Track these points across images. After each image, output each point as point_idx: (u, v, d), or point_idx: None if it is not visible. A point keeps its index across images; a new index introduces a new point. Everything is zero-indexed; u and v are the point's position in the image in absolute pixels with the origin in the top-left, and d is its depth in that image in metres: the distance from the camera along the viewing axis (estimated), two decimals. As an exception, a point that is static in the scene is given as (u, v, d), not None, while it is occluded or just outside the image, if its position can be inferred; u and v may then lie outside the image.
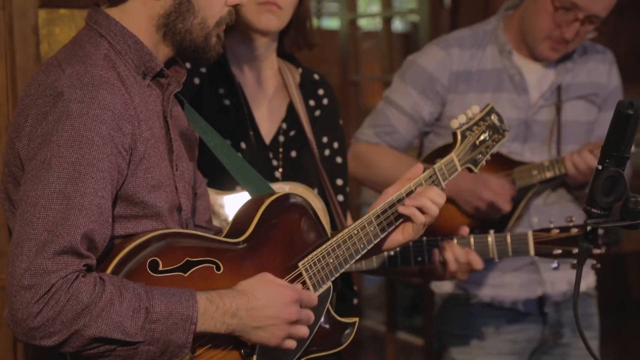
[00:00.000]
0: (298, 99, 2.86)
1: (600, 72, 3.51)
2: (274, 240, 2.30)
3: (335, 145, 2.91)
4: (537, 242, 2.94)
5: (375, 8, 8.35)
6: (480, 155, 2.58)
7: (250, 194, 2.47)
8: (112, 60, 2.14)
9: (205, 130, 2.42)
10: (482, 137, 2.58)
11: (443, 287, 3.49)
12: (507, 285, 3.41)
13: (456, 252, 2.85)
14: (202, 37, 2.21)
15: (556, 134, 3.41)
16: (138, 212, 2.13)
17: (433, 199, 2.42)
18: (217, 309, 2.08)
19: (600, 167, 2.05)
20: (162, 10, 2.17)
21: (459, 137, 2.55)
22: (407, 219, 2.45)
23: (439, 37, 3.55)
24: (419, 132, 3.45)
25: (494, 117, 2.61)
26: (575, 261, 2.92)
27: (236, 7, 2.26)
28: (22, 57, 2.99)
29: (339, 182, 2.89)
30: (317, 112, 2.90)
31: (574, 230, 2.92)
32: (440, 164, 2.50)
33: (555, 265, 2.98)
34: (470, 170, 2.58)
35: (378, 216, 2.42)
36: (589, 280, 3.52)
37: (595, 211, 2.07)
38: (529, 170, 3.33)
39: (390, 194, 2.45)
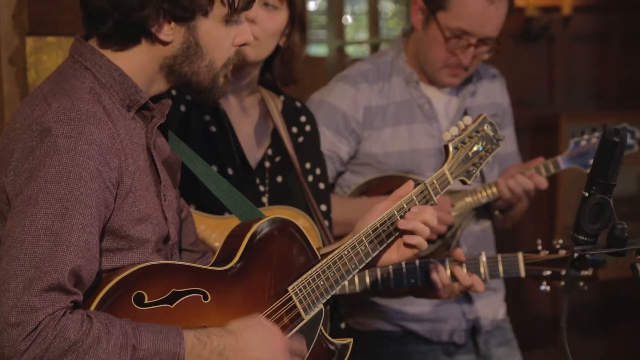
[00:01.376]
0: (281, 125, 2.87)
1: (495, 91, 3.51)
2: (263, 265, 2.29)
3: (318, 171, 2.92)
4: (527, 263, 2.94)
5: (363, 35, 8.36)
6: (473, 167, 2.54)
7: (240, 218, 2.46)
8: (97, 94, 2.13)
9: (190, 158, 2.42)
10: (475, 148, 2.54)
11: (371, 325, 3.43)
12: (443, 317, 3.39)
13: (459, 274, 2.84)
14: (209, 79, 2.20)
15: None
16: (124, 245, 2.12)
17: (426, 221, 2.42)
18: (204, 347, 2.06)
19: (586, 194, 2.05)
20: (170, 53, 2.16)
21: (450, 150, 2.51)
22: (399, 237, 2.44)
23: (341, 74, 3.46)
24: (336, 172, 3.38)
25: (487, 127, 2.57)
26: (563, 282, 2.92)
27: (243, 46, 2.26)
28: (10, 85, 2.99)
29: (323, 207, 2.89)
30: (300, 139, 2.91)
31: (562, 252, 2.93)
32: (431, 178, 2.47)
33: (543, 287, 2.98)
34: (463, 182, 2.54)
35: (369, 235, 2.40)
36: (500, 311, 3.52)
37: (582, 238, 2.07)
38: (462, 197, 3.32)
39: (382, 210, 2.42)
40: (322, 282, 2.35)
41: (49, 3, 3.05)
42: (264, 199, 2.80)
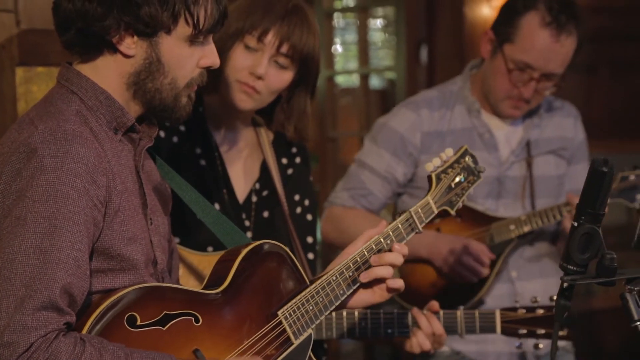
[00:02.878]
0: (271, 157, 2.87)
1: (566, 127, 3.55)
2: (253, 289, 2.29)
3: (306, 202, 2.92)
4: (504, 321, 2.96)
5: (353, 65, 8.39)
6: (456, 197, 2.59)
7: (227, 246, 2.46)
8: (84, 116, 2.14)
9: (180, 185, 2.42)
10: (457, 179, 2.60)
11: None
12: (490, 339, 3.39)
13: (434, 325, 2.84)
14: (171, 97, 2.20)
15: (529, 189, 3.44)
16: (115, 265, 2.12)
17: (390, 262, 2.42)
18: None
19: (575, 224, 2.05)
20: (133, 69, 2.17)
21: (434, 180, 2.56)
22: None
23: (407, 100, 3.58)
24: (393, 193, 3.47)
25: (468, 159, 2.63)
26: (537, 341, 2.95)
27: (209, 69, 2.25)
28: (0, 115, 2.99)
29: (309, 239, 2.90)
30: (290, 171, 2.91)
31: (540, 312, 2.95)
32: (416, 207, 2.50)
33: (518, 344, 3.00)
34: (446, 212, 2.58)
35: (356, 261, 2.42)
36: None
37: (572, 268, 2.07)
38: (506, 225, 3.36)
39: (369, 237, 2.45)
40: (311, 307, 2.35)
41: (39, 34, 3.05)
42: (249, 234, 2.80)
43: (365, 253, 2.42)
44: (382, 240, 2.44)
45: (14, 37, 3.06)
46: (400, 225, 2.47)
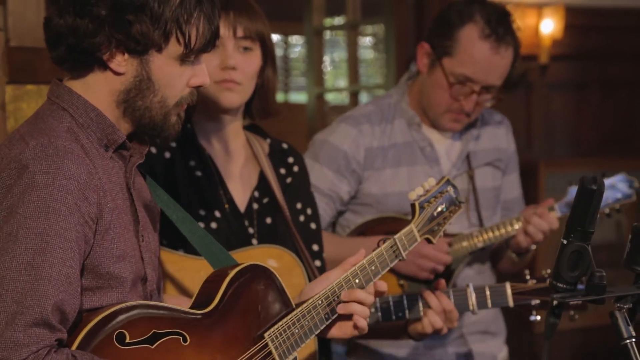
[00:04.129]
0: (268, 168, 2.88)
1: (500, 137, 3.52)
2: (240, 311, 2.29)
3: (309, 211, 2.93)
4: (515, 292, 2.94)
5: (342, 82, 8.44)
6: (438, 226, 2.62)
7: (213, 266, 2.47)
8: (75, 133, 2.13)
9: (167, 204, 2.42)
10: (439, 209, 2.62)
11: None
12: None
13: (444, 302, 2.85)
14: (161, 116, 2.19)
15: (473, 202, 3.42)
16: (103, 283, 2.11)
17: (361, 300, 2.42)
18: None
19: (565, 242, 2.05)
20: (123, 87, 2.16)
21: (417, 208, 2.57)
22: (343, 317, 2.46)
23: (344, 115, 3.48)
24: (336, 211, 3.39)
25: (450, 189, 2.65)
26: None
27: (198, 87, 2.26)
28: (-12, 132, 2.99)
29: (315, 247, 2.90)
30: (289, 180, 2.92)
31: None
32: (400, 234, 2.52)
33: (533, 317, 2.98)
34: (429, 240, 2.61)
35: (341, 286, 2.42)
36: (500, 355, 3.51)
37: (561, 285, 2.07)
38: (458, 241, 3.32)
39: (352, 264, 2.45)
40: (297, 330, 2.35)
41: (29, 51, 3.05)
42: (254, 241, 2.80)
43: (350, 278, 2.44)
44: (367, 266, 2.46)
45: (4, 54, 3.06)
46: (384, 252, 2.49)
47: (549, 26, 5.40)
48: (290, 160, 2.95)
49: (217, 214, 2.77)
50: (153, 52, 2.14)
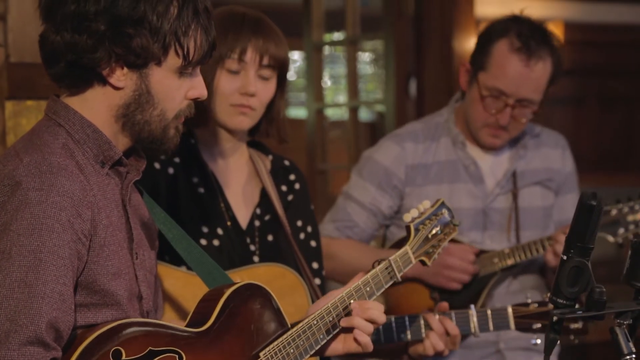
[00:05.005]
0: (270, 185, 2.89)
1: (554, 157, 3.54)
2: (236, 330, 2.29)
3: (309, 229, 2.94)
4: (517, 316, 2.95)
5: (342, 98, 8.44)
6: (433, 249, 2.64)
7: (208, 285, 2.46)
8: (71, 149, 2.13)
9: (163, 221, 2.41)
10: (434, 231, 2.65)
11: None
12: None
13: (446, 325, 2.85)
14: (160, 129, 2.19)
15: (514, 221, 3.44)
16: (98, 300, 2.11)
17: (372, 319, 2.43)
18: None
19: (565, 258, 2.05)
20: (122, 101, 2.16)
21: (412, 230, 2.60)
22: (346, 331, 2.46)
23: (392, 132, 3.61)
24: (379, 225, 3.48)
25: (444, 212, 2.68)
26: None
27: (197, 101, 2.26)
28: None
29: (315, 265, 2.91)
30: (290, 197, 2.93)
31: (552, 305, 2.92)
32: (395, 256, 2.54)
33: (534, 341, 2.98)
34: (423, 262, 2.63)
35: (336, 307, 2.42)
36: None
37: (561, 301, 2.07)
38: (489, 258, 3.35)
39: (350, 283, 2.47)
40: (292, 350, 2.35)
41: (29, 67, 3.06)
42: (255, 259, 2.81)
43: (345, 299, 2.44)
44: (362, 287, 2.47)
45: (4, 70, 3.06)
46: (379, 273, 2.51)
47: (548, 42, 5.41)
48: (292, 177, 2.96)
49: (220, 231, 2.78)
50: (152, 65, 2.14)
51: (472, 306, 2.96)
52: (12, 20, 3.12)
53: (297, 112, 10.15)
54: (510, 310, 2.95)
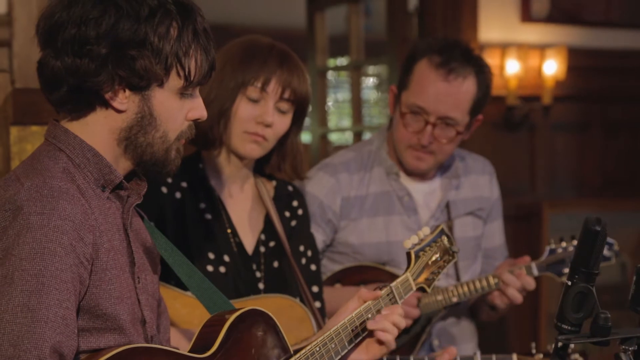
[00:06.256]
0: (273, 210, 2.89)
1: (483, 185, 3.49)
2: (240, 356, 2.27)
3: (309, 253, 2.94)
4: None
5: (346, 123, 8.45)
6: (433, 275, 2.64)
7: (209, 311, 2.45)
8: (71, 174, 2.13)
9: (164, 247, 2.41)
10: (434, 258, 2.64)
11: None
12: None
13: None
14: (162, 151, 2.19)
15: None
16: (101, 324, 2.10)
17: (395, 322, 2.45)
18: None
19: (569, 283, 2.05)
20: (124, 124, 2.16)
21: (413, 257, 2.59)
22: (369, 337, 2.45)
23: (323, 162, 3.48)
24: None
25: (444, 239, 2.67)
26: None
27: (196, 122, 2.26)
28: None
29: (315, 289, 2.91)
30: (293, 223, 2.94)
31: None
32: (396, 282, 2.54)
33: None
34: (423, 289, 2.61)
35: (338, 333, 2.41)
36: None
37: (566, 327, 2.06)
38: (434, 295, 3.27)
39: (351, 310, 2.47)
40: None
41: (34, 93, 3.06)
42: (260, 285, 2.81)
43: (348, 325, 2.44)
44: (363, 313, 2.47)
45: (9, 96, 3.08)
46: (380, 300, 2.51)
47: (552, 67, 5.42)
48: (295, 203, 2.97)
49: (226, 258, 2.78)
50: (154, 87, 2.14)
51: (478, 352, 2.95)
52: (18, 46, 3.13)
53: (302, 137, 10.16)
54: (515, 358, 2.94)
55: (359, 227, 3.33)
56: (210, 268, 2.73)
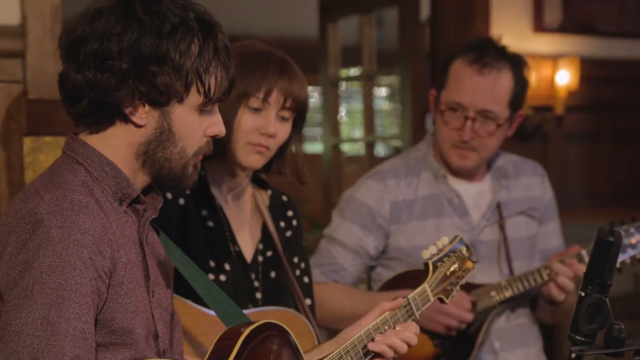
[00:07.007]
0: (269, 220, 2.89)
1: (534, 186, 3.50)
2: (255, 370, 2.27)
3: (303, 265, 2.95)
4: None
5: (358, 133, 8.46)
6: (451, 286, 2.61)
7: (226, 324, 2.45)
8: (90, 187, 2.13)
9: (180, 260, 2.41)
10: (452, 268, 2.61)
11: None
12: None
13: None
14: (180, 166, 2.19)
15: (504, 252, 3.39)
16: (116, 339, 2.10)
17: (404, 339, 2.43)
18: None
19: (582, 294, 2.04)
20: (143, 139, 2.16)
21: (431, 267, 2.56)
22: (378, 355, 2.45)
23: (371, 170, 3.52)
24: (365, 266, 3.40)
25: (462, 249, 2.64)
26: None
27: (215, 138, 2.27)
28: (7, 184, 3.00)
29: (308, 301, 2.90)
30: (288, 233, 2.93)
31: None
32: (414, 294, 2.51)
33: None
34: (442, 300, 2.59)
35: (348, 351, 2.40)
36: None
37: (579, 338, 2.06)
38: (487, 292, 3.30)
39: (368, 322, 2.46)
40: None
41: (47, 104, 3.08)
42: (258, 295, 2.80)
43: (364, 338, 2.42)
44: (380, 326, 2.45)
45: (22, 107, 3.09)
46: (398, 312, 2.48)
47: (565, 77, 5.42)
48: (290, 213, 2.97)
49: (227, 266, 2.78)
50: (174, 103, 2.14)
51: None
52: (31, 57, 3.15)
53: (314, 147, 10.17)
54: None
55: (408, 230, 3.35)
56: (211, 276, 2.73)
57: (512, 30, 5.39)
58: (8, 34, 3.15)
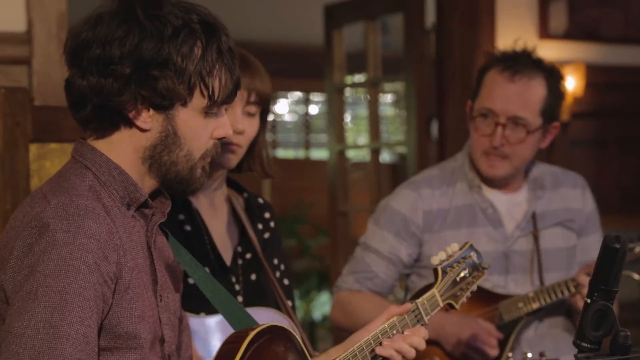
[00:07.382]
0: (247, 223, 2.89)
1: (574, 198, 3.51)
2: (260, 373, 2.27)
3: (282, 267, 2.96)
4: None
5: (364, 139, 8.45)
6: (461, 292, 2.62)
7: (234, 327, 2.46)
8: (97, 192, 2.14)
9: (189, 263, 2.41)
10: (462, 274, 2.62)
11: None
12: None
13: None
14: (187, 169, 2.20)
15: (537, 263, 3.41)
16: (121, 344, 2.10)
17: (412, 344, 2.43)
18: None
19: (588, 301, 2.04)
20: (149, 143, 2.17)
21: (440, 273, 2.58)
22: (385, 359, 2.44)
23: (408, 180, 3.58)
24: (399, 274, 3.44)
25: (473, 255, 2.65)
26: None
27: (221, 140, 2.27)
28: (13, 191, 3.01)
29: (289, 303, 2.90)
30: (266, 235, 2.94)
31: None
32: (422, 299, 2.52)
33: None
34: (451, 306, 2.60)
35: (355, 355, 2.40)
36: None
37: (585, 345, 2.06)
38: (514, 303, 3.31)
39: (377, 326, 2.45)
40: None
41: (53, 110, 3.09)
42: (239, 298, 2.80)
43: (372, 342, 2.42)
44: (388, 330, 2.45)
45: (28, 113, 3.09)
46: (406, 317, 2.48)
47: (570, 84, 5.42)
48: (267, 215, 2.98)
49: (207, 269, 2.77)
50: (178, 106, 2.15)
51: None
52: (37, 64, 3.16)
53: (319, 154, 10.18)
54: None
55: (442, 239, 3.36)
56: (190, 281, 2.73)
57: (517, 37, 5.39)
58: (14, 41, 3.16)
